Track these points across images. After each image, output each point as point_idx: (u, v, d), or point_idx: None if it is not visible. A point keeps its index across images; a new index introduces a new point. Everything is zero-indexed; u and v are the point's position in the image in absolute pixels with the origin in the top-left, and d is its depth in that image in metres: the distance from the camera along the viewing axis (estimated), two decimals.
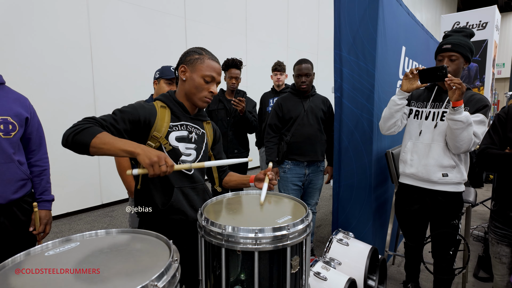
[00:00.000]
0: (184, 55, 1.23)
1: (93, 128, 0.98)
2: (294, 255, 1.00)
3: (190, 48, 1.24)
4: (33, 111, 1.50)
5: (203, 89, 1.20)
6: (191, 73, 1.19)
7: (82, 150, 0.97)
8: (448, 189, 1.74)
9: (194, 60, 1.19)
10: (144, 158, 0.93)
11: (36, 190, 1.52)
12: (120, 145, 0.95)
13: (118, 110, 1.11)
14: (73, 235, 0.88)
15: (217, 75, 1.22)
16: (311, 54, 8.02)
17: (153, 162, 0.92)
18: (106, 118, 1.06)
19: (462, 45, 1.67)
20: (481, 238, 3.08)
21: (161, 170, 0.93)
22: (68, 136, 0.97)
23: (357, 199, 2.23)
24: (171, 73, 1.88)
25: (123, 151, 0.95)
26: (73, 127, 0.99)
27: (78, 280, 0.68)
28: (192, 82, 1.19)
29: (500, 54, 15.05)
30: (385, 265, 2.04)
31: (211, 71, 1.20)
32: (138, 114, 1.12)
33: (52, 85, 3.58)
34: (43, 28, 3.46)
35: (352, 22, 2.12)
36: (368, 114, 2.12)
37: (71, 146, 0.98)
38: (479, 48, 4.48)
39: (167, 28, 4.76)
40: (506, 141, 1.52)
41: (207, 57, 1.21)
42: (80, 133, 0.96)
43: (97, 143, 0.95)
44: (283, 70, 3.20)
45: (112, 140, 0.96)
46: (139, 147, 0.95)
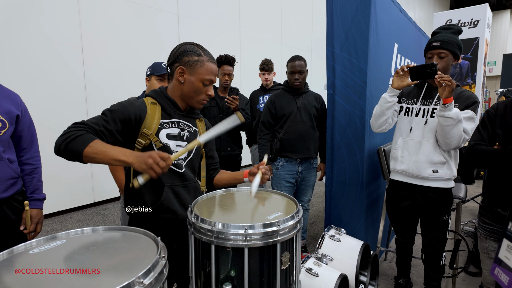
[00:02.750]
0: (181, 54, 1.16)
1: (85, 136, 0.97)
2: (284, 251, 1.00)
3: (187, 46, 1.18)
4: (25, 108, 1.48)
5: (201, 93, 1.19)
6: (189, 76, 1.16)
7: (75, 158, 0.96)
8: (438, 185, 1.76)
9: (194, 62, 1.15)
10: (140, 165, 0.92)
11: (27, 188, 1.50)
12: (112, 155, 0.94)
13: (108, 110, 1.09)
14: (58, 233, 0.87)
15: (215, 78, 1.21)
16: (305, 51, 8.02)
17: (150, 164, 0.91)
18: (97, 121, 1.04)
19: (451, 42, 1.68)
20: (472, 233, 3.13)
21: (161, 166, 0.92)
22: (60, 145, 0.96)
23: (350, 195, 2.24)
24: (163, 69, 1.86)
25: (116, 161, 0.94)
26: (65, 135, 0.97)
27: (63, 278, 0.67)
28: (190, 86, 1.17)
29: (492, 52, 15.25)
30: (377, 261, 2.05)
31: (210, 75, 1.17)
32: (128, 112, 1.10)
33: (43, 82, 3.53)
34: (33, 25, 3.39)
35: (345, 19, 2.12)
36: (360, 111, 2.13)
37: (63, 155, 0.97)
38: (470, 46, 4.53)
39: (160, 25, 4.71)
40: (494, 138, 1.54)
41: (206, 59, 1.17)
42: (72, 142, 0.95)
43: (90, 152, 0.94)
44: (270, 70, 3.19)
45: (105, 149, 0.95)
46: (132, 156, 0.94)
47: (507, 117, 1.50)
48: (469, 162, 1.58)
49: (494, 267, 0.96)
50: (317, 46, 8.40)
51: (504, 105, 1.54)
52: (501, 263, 0.93)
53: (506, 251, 0.91)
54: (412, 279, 2.23)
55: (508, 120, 1.49)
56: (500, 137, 1.51)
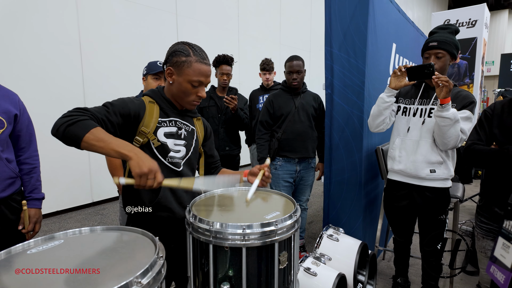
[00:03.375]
0: (170, 54, 1.15)
1: (88, 122, 0.94)
2: (282, 251, 1.01)
3: (177, 46, 1.16)
4: (23, 107, 1.47)
5: (191, 94, 1.16)
6: (177, 76, 1.14)
7: (73, 143, 0.92)
8: (436, 185, 1.77)
9: (181, 63, 1.12)
10: (135, 166, 0.89)
11: (25, 188, 1.49)
12: (114, 145, 0.91)
13: (109, 103, 1.08)
14: (56, 233, 0.87)
15: (206, 79, 1.15)
16: (304, 51, 8.02)
17: (143, 173, 0.89)
18: (99, 111, 1.03)
19: (448, 42, 1.69)
20: (470, 233, 3.14)
21: (148, 184, 0.90)
22: (60, 126, 0.92)
23: (348, 195, 2.24)
24: (158, 67, 1.86)
25: (116, 152, 0.90)
26: (66, 117, 0.94)
27: (61, 278, 0.67)
28: (178, 87, 1.15)
29: (490, 52, 15.28)
30: (375, 260, 2.06)
31: (198, 76, 1.13)
32: (128, 108, 1.10)
33: (41, 81, 3.52)
34: (31, 23, 3.38)
35: (343, 19, 2.12)
36: (359, 111, 2.13)
37: (61, 137, 0.93)
38: (468, 46, 4.54)
39: (158, 25, 4.70)
40: (492, 137, 1.55)
41: (194, 59, 1.12)
42: (74, 125, 0.92)
43: (90, 139, 0.90)
44: (271, 69, 3.19)
45: (107, 138, 0.92)
46: (133, 151, 0.91)
47: (504, 116, 1.51)
48: (466, 162, 1.58)
49: (490, 265, 0.96)
50: (315, 46, 8.41)
51: (502, 105, 1.55)
52: (496, 261, 0.94)
53: (501, 249, 0.92)
54: (410, 278, 2.24)
55: (505, 120, 1.50)
56: (497, 136, 1.51)
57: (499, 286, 0.91)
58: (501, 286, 0.90)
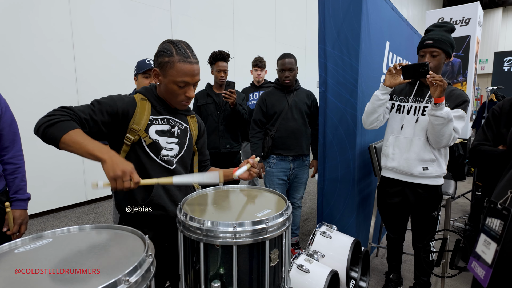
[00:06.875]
0: (156, 54, 1.14)
1: (68, 123, 0.95)
2: (273, 248, 1.01)
3: (162, 45, 1.14)
4: (5, 105, 1.42)
5: (178, 94, 1.14)
6: (163, 77, 1.13)
7: (52, 143, 0.94)
8: (428, 182, 1.78)
9: (164, 64, 1.09)
10: (109, 169, 0.88)
11: (10, 188, 1.44)
12: (88, 148, 0.91)
13: (97, 101, 1.08)
14: (44, 232, 0.86)
15: (191, 78, 1.11)
16: (299, 49, 8.02)
17: (117, 176, 0.88)
18: (84, 110, 1.03)
19: (444, 41, 1.69)
20: (462, 229, 3.18)
21: (124, 186, 0.89)
22: (40, 126, 0.94)
23: (341, 192, 2.25)
24: (146, 65, 1.84)
25: (90, 155, 0.90)
26: (48, 117, 0.95)
27: (47, 277, 0.66)
28: (165, 88, 1.14)
29: (484, 50, 15.40)
30: (368, 257, 2.07)
31: (182, 76, 1.09)
32: (116, 106, 1.09)
33: (33, 79, 3.47)
34: (23, 21, 3.33)
35: (337, 17, 2.12)
36: (352, 109, 2.14)
37: (41, 137, 0.95)
38: (462, 44, 4.57)
39: (152, 22, 4.66)
40: (499, 137, 1.49)
41: (177, 59, 1.08)
42: (53, 126, 0.93)
43: (67, 140, 0.91)
44: (263, 66, 3.20)
45: (82, 140, 0.92)
46: (107, 154, 0.90)
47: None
48: (472, 163, 1.55)
49: (471, 261, 0.98)
50: (311, 43, 8.40)
51: (510, 103, 1.50)
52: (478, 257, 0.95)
53: (483, 245, 0.93)
54: (403, 275, 2.26)
55: None
56: (505, 136, 1.46)
57: (479, 281, 0.92)
58: (481, 281, 0.91)
